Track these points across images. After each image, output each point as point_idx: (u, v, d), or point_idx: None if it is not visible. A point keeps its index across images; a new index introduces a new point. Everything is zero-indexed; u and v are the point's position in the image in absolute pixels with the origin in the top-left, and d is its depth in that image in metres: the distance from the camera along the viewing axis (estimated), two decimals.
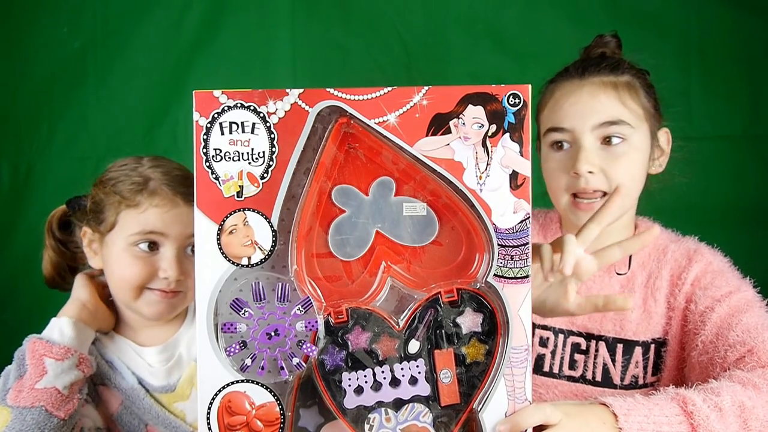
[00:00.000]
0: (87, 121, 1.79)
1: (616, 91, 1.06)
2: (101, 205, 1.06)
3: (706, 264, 1.09)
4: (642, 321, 1.10)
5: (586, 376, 1.12)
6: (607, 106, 1.05)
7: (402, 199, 0.83)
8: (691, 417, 0.85)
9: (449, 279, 0.83)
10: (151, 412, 1.08)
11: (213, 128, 0.80)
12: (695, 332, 1.04)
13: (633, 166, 1.07)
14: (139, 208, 1.03)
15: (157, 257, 1.04)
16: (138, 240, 1.03)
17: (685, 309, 1.08)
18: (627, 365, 1.10)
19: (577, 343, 1.13)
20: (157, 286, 1.04)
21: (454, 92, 0.80)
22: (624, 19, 1.69)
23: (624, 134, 1.05)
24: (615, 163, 1.05)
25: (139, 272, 1.03)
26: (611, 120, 1.05)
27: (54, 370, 0.98)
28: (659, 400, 0.87)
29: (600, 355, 1.11)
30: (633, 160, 1.07)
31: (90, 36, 1.78)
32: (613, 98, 1.06)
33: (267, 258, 0.81)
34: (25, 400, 0.96)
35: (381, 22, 1.76)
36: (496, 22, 1.74)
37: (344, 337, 0.82)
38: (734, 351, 0.97)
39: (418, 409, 0.82)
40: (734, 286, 1.05)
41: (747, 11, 1.67)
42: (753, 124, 1.67)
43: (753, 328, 0.98)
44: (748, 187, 1.67)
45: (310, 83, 1.72)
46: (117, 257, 1.04)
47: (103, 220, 1.06)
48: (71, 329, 1.02)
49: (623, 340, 1.10)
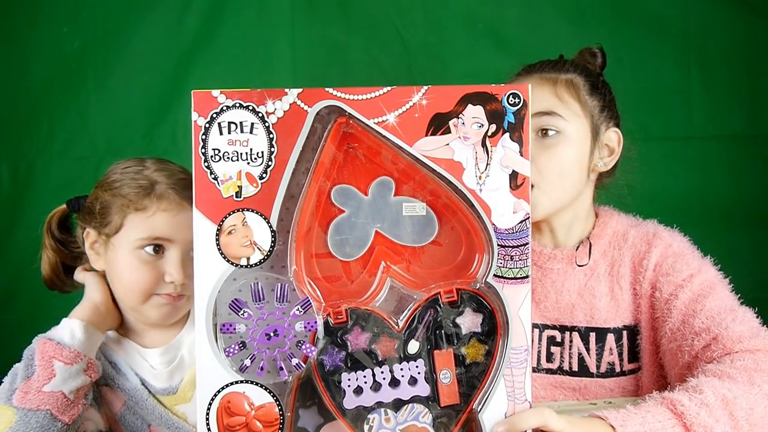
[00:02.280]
0: (87, 121, 1.79)
1: (553, 87, 1.11)
2: (107, 207, 1.05)
3: (665, 247, 1.11)
4: (611, 308, 1.12)
5: (563, 367, 1.13)
6: (541, 98, 1.09)
7: (401, 199, 0.83)
8: (683, 417, 0.87)
9: (449, 279, 0.83)
10: (154, 412, 1.08)
11: (212, 128, 0.80)
12: (663, 320, 1.07)
13: (564, 158, 1.09)
14: (146, 212, 1.03)
15: (162, 261, 1.04)
16: (143, 244, 1.03)
17: (651, 296, 1.10)
18: (601, 353, 1.12)
19: (552, 336, 1.14)
20: (163, 290, 1.04)
21: (453, 92, 0.80)
22: (624, 19, 1.69)
23: (556, 126, 1.09)
24: (545, 153, 1.08)
25: (145, 277, 1.03)
26: (543, 111, 1.08)
27: (62, 374, 0.97)
28: (650, 406, 0.89)
29: (574, 345, 1.13)
30: (564, 152, 1.09)
31: (90, 36, 1.77)
32: (548, 92, 1.10)
33: (266, 258, 0.80)
34: (32, 402, 0.95)
35: (381, 21, 1.76)
36: (496, 22, 1.74)
37: (343, 338, 0.82)
38: (700, 339, 1.00)
39: (418, 410, 0.82)
40: (695, 268, 1.07)
41: (747, 11, 1.67)
42: (753, 123, 1.67)
43: (716, 313, 1.01)
44: (748, 187, 1.67)
45: (310, 83, 1.72)
46: (123, 260, 1.04)
47: (108, 222, 1.05)
48: (82, 333, 1.01)
49: (595, 329, 1.12)
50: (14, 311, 1.77)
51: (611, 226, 1.16)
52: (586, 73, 1.15)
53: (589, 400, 1.10)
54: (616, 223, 1.17)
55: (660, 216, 1.19)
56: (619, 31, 1.68)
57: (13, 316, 1.76)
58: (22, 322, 1.69)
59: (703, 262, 1.09)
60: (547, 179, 1.08)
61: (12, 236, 1.79)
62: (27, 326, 1.09)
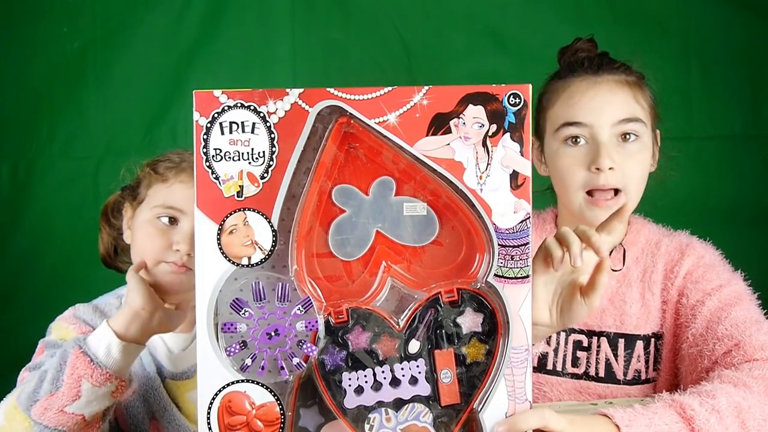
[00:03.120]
0: (87, 121, 1.79)
1: (630, 89, 1.08)
2: (140, 181, 1.12)
3: (698, 258, 1.10)
4: (641, 315, 1.11)
5: (590, 373, 1.12)
6: (624, 102, 1.06)
7: (402, 198, 0.83)
8: (692, 422, 0.85)
9: (449, 279, 0.83)
10: (161, 403, 1.09)
11: (213, 128, 0.80)
12: (686, 325, 1.05)
13: (644, 164, 1.08)
14: (166, 183, 1.09)
15: (174, 231, 1.06)
16: (160, 213, 1.07)
17: (677, 302, 1.09)
18: (629, 360, 1.10)
19: (578, 340, 1.13)
20: (170, 258, 1.05)
21: (454, 92, 0.80)
22: (624, 19, 1.69)
23: (638, 132, 1.07)
24: (630, 161, 1.06)
25: (156, 243, 1.06)
26: (629, 117, 1.06)
27: (88, 396, 0.94)
28: (657, 408, 0.86)
29: (602, 351, 1.11)
30: (644, 158, 1.08)
31: (90, 36, 1.78)
32: (628, 95, 1.07)
33: (267, 258, 0.80)
34: (50, 420, 0.93)
35: (381, 22, 1.76)
36: (496, 22, 1.74)
37: (344, 337, 0.82)
38: (722, 344, 0.98)
39: (419, 409, 0.82)
40: (725, 279, 1.07)
41: (747, 11, 1.67)
42: (753, 123, 1.68)
43: (741, 321, 1.00)
44: (748, 187, 1.68)
45: (310, 83, 1.72)
46: (141, 228, 1.08)
47: (137, 194, 1.12)
48: (119, 352, 0.96)
49: (624, 335, 1.11)
50: (14, 311, 1.78)
51: (644, 233, 1.15)
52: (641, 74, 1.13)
53: (590, 400, 1.09)
54: (648, 231, 1.16)
55: (660, 215, 1.19)
56: (619, 31, 1.68)
57: (13, 316, 1.76)
58: (22, 322, 1.70)
59: (733, 275, 1.08)
60: (632, 186, 1.06)
61: (12, 236, 1.79)
62: (27, 326, 1.09)
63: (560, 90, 1.10)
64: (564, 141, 1.08)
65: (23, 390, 0.96)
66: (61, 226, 1.78)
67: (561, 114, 1.09)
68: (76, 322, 1.10)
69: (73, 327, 1.09)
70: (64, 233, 1.78)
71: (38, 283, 1.78)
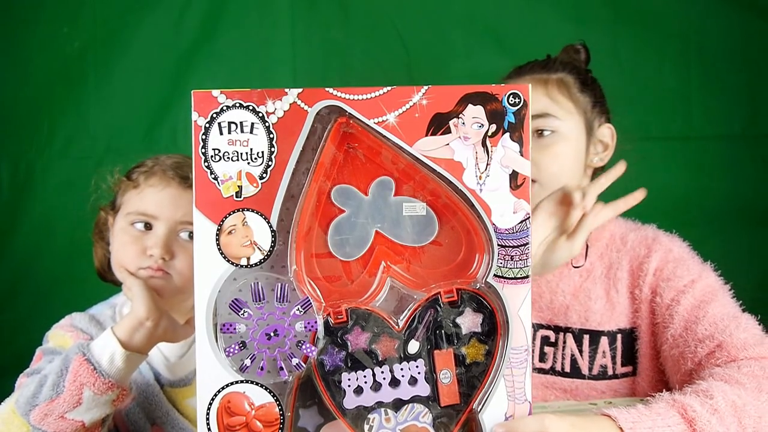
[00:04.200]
0: (87, 121, 1.79)
1: (545, 87, 1.13)
2: (117, 191, 1.13)
3: (666, 252, 1.10)
4: (605, 311, 1.11)
5: (556, 368, 1.14)
6: (534, 100, 1.08)
7: (402, 198, 0.83)
8: (693, 423, 0.85)
9: (449, 279, 0.83)
10: (161, 409, 1.08)
11: (212, 128, 0.80)
12: (664, 325, 1.06)
13: (562, 156, 1.12)
14: (137, 189, 1.09)
15: (147, 236, 1.06)
16: (134, 219, 1.07)
17: (651, 301, 1.09)
18: (594, 355, 1.12)
19: (546, 336, 1.15)
20: (145, 264, 1.05)
21: (453, 92, 0.80)
22: (624, 18, 1.69)
23: (551, 126, 1.12)
24: (543, 153, 1.11)
25: (130, 251, 1.06)
26: (537, 113, 1.11)
27: (88, 403, 0.94)
28: (660, 409, 0.86)
29: (567, 347, 1.13)
30: (562, 150, 1.13)
31: (90, 36, 1.78)
32: (540, 93, 1.12)
33: (266, 258, 0.80)
34: (49, 426, 0.93)
35: (381, 22, 1.76)
36: (496, 22, 1.74)
37: (344, 338, 0.82)
38: (704, 346, 0.99)
39: (418, 410, 0.82)
40: (696, 273, 1.07)
41: (747, 11, 1.67)
42: (752, 124, 1.68)
43: (719, 319, 1.00)
44: (747, 187, 1.68)
45: (310, 83, 1.72)
46: (117, 237, 1.09)
47: (114, 203, 1.12)
48: (122, 361, 0.95)
49: (588, 331, 1.12)
50: (14, 311, 1.77)
51: (609, 228, 1.16)
52: (575, 71, 1.17)
53: (589, 400, 1.10)
54: (614, 226, 1.16)
55: (660, 216, 1.19)
56: (619, 31, 1.68)
57: (13, 316, 1.76)
58: (22, 322, 1.70)
59: (703, 268, 1.09)
60: (546, 176, 1.10)
61: (12, 236, 1.79)
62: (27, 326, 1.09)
63: None
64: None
65: (21, 394, 0.95)
66: (61, 226, 1.78)
67: None
68: (73, 330, 1.10)
69: (71, 335, 1.09)
70: (64, 233, 1.77)
71: (38, 284, 1.78)
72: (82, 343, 0.97)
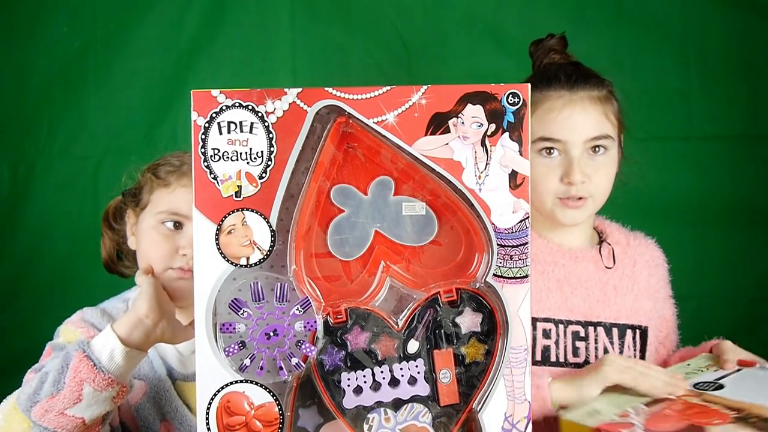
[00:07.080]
0: (87, 121, 1.79)
1: (601, 106, 1.14)
2: (142, 186, 1.12)
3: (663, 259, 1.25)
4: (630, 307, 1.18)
5: (589, 361, 1.15)
6: (596, 120, 1.12)
7: (401, 198, 0.83)
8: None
9: (448, 279, 0.83)
10: (172, 405, 1.09)
11: (211, 128, 0.80)
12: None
13: (610, 174, 1.15)
14: (169, 188, 1.08)
15: (179, 236, 1.06)
16: (165, 218, 1.07)
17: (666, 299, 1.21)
18: (622, 349, 1.16)
19: (576, 331, 1.16)
20: (177, 264, 1.05)
21: (453, 91, 0.80)
22: (624, 19, 1.69)
23: (607, 146, 1.13)
24: (598, 172, 1.13)
25: (163, 250, 1.05)
26: (599, 134, 1.12)
27: (89, 400, 0.93)
28: None
29: (600, 340, 1.16)
30: (611, 168, 1.15)
31: (90, 36, 1.77)
32: (600, 113, 1.13)
33: (266, 258, 0.80)
34: (50, 422, 0.93)
35: (381, 22, 1.76)
36: (496, 22, 1.74)
37: (343, 337, 0.82)
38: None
39: (418, 409, 0.82)
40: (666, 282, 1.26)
41: (747, 12, 1.67)
42: (752, 124, 1.67)
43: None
44: (747, 187, 1.67)
45: (310, 83, 1.72)
46: (146, 234, 1.08)
47: (140, 200, 1.11)
48: (122, 357, 0.95)
49: (617, 325, 1.17)
50: (14, 311, 1.77)
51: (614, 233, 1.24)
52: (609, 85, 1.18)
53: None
54: (617, 231, 1.25)
55: (660, 216, 1.19)
56: (619, 31, 1.68)
57: (13, 316, 1.76)
58: (23, 321, 1.70)
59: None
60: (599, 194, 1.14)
61: (12, 236, 1.79)
62: (28, 326, 1.09)
63: (537, 102, 1.14)
64: (538, 151, 1.14)
65: (23, 391, 0.95)
66: (61, 226, 1.78)
67: (537, 128, 1.13)
68: (84, 326, 1.10)
69: (82, 330, 1.09)
70: (64, 233, 1.77)
71: (38, 284, 1.78)
72: (82, 340, 0.97)
